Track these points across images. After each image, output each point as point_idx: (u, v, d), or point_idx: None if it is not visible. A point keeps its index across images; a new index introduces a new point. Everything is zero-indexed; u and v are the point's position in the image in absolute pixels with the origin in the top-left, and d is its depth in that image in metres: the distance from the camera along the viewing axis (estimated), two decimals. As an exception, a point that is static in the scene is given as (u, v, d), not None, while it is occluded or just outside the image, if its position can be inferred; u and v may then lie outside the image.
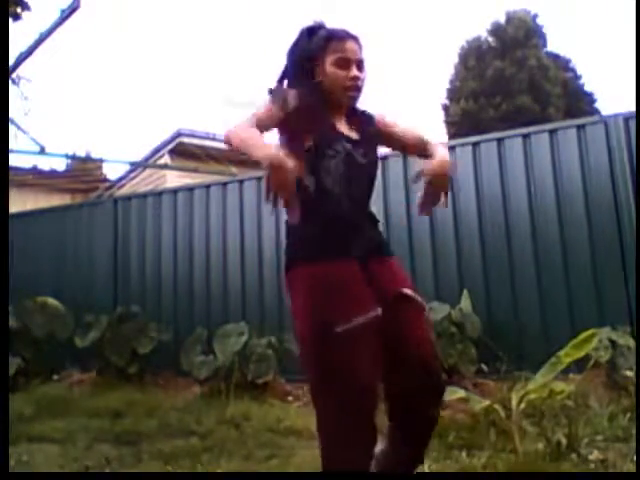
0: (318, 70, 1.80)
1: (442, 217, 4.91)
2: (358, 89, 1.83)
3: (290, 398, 4.62)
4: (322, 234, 1.71)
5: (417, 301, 1.77)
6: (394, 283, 1.78)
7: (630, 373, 3.62)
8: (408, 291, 1.77)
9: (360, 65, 1.82)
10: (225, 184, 5.99)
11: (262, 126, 1.67)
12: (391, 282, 1.78)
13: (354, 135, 1.83)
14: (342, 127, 1.83)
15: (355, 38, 1.83)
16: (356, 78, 1.80)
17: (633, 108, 4.32)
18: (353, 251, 1.73)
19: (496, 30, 18.46)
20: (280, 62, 1.89)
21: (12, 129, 6.43)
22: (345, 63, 1.79)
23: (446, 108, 18.69)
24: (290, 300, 1.76)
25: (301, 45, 1.84)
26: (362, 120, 1.90)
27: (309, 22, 1.87)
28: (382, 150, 5.84)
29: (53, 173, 11.48)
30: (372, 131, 1.90)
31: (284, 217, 1.77)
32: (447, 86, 19.04)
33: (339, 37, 1.81)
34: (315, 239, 1.72)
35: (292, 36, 1.89)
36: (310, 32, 1.84)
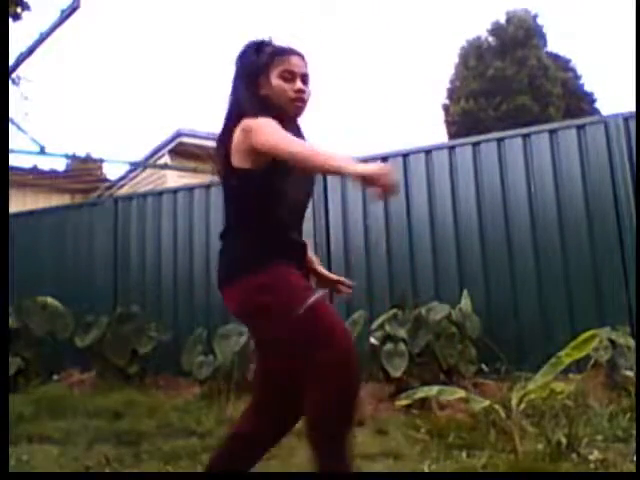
0: (263, 83, 1.84)
1: (442, 217, 4.91)
2: (303, 101, 1.87)
3: (290, 398, 4.61)
4: (269, 250, 1.77)
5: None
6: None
7: (630, 373, 3.63)
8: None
9: (305, 79, 1.87)
10: (225, 184, 5.98)
11: None
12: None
13: None
14: None
15: (300, 54, 1.89)
16: (301, 90, 1.85)
17: (633, 108, 4.32)
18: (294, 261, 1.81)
19: (496, 30, 18.46)
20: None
21: (12, 129, 6.43)
22: (290, 76, 1.84)
23: (446, 108, 18.69)
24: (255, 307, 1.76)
25: (248, 59, 1.88)
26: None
27: (257, 37, 1.92)
28: (380, 151, 5.81)
29: (53, 173, 11.49)
30: None
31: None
32: (447, 86, 19.05)
33: (284, 52, 1.87)
34: (264, 252, 1.77)
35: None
36: (257, 48, 1.89)
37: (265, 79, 1.84)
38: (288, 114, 1.85)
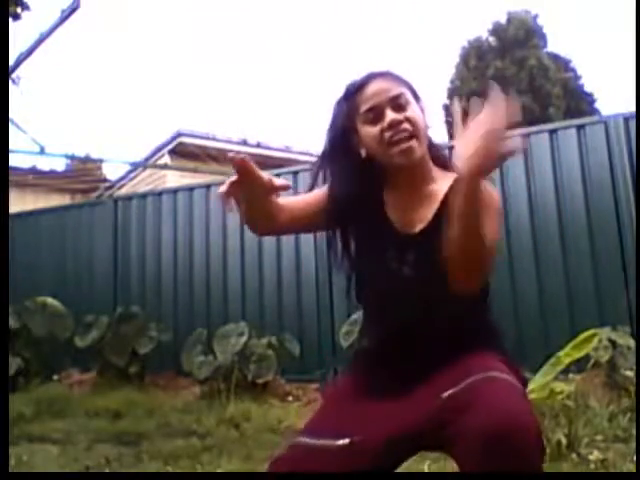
0: (357, 140, 1.30)
1: (442, 217, 4.91)
2: (405, 134, 1.24)
3: (290, 398, 4.62)
4: (364, 354, 1.39)
5: None
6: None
7: (630, 373, 3.62)
8: None
9: (396, 102, 1.26)
10: (225, 184, 5.98)
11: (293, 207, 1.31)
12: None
13: (417, 224, 1.29)
14: (400, 213, 1.31)
15: (380, 75, 1.31)
16: (393, 124, 1.23)
17: (633, 108, 4.32)
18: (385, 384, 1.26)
19: (497, 30, 18.47)
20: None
21: (12, 129, 6.43)
22: (375, 113, 1.26)
23: (446, 108, 18.69)
24: None
25: (336, 116, 1.34)
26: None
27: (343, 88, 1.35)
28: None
29: (53, 173, 11.49)
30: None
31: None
32: (448, 86, 19.06)
33: (361, 85, 1.30)
34: (358, 356, 1.41)
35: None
36: (346, 97, 1.33)
37: (357, 134, 1.30)
38: (393, 170, 1.29)
